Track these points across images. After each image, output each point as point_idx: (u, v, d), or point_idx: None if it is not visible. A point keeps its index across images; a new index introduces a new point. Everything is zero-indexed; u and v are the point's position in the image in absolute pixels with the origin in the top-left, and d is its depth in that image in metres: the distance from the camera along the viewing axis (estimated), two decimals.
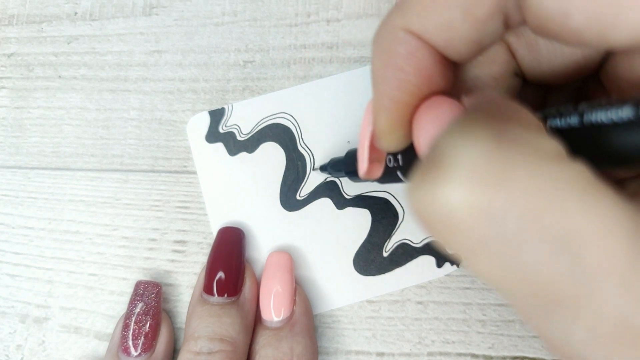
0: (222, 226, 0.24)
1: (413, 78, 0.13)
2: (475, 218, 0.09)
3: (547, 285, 0.09)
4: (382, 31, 0.14)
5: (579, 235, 0.09)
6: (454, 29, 0.13)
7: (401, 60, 0.13)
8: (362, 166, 0.17)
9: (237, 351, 0.21)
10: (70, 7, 0.28)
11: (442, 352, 0.23)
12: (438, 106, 0.13)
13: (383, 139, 0.15)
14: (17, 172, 0.26)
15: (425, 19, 0.13)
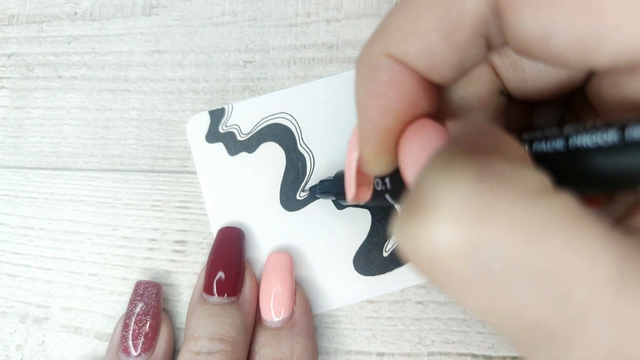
0: (222, 226, 0.24)
1: (396, 104, 0.13)
2: (460, 259, 0.09)
3: (535, 322, 0.09)
4: (364, 57, 0.14)
5: (565, 272, 0.09)
6: (436, 54, 0.13)
7: (383, 87, 0.13)
8: (350, 191, 0.17)
9: (237, 351, 0.21)
10: (70, 7, 0.28)
11: (442, 352, 0.23)
12: (422, 131, 0.13)
13: (369, 164, 0.15)
14: (17, 172, 0.26)
15: (406, 45, 0.13)
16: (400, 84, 0.13)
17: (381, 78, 0.13)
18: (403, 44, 0.13)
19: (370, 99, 0.13)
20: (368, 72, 0.14)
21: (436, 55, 0.13)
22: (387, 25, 0.13)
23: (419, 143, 0.13)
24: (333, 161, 0.25)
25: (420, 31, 0.12)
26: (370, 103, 0.14)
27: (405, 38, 0.13)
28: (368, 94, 0.14)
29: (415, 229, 0.09)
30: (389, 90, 0.13)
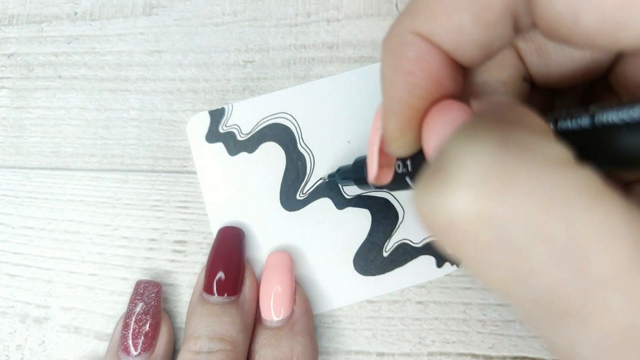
0: (222, 226, 0.24)
1: (423, 82, 0.13)
2: (479, 225, 0.09)
3: (552, 294, 0.09)
4: (392, 35, 0.14)
5: (584, 243, 0.09)
6: (464, 32, 0.13)
7: (411, 64, 0.13)
8: (372, 171, 0.17)
9: (237, 351, 0.21)
10: (70, 7, 0.28)
11: (442, 352, 0.23)
12: (447, 110, 0.13)
13: (392, 143, 0.15)
14: (17, 172, 0.26)
15: (435, 23, 0.13)
16: (427, 62, 0.13)
17: (408, 55, 0.13)
18: (432, 21, 0.13)
19: (397, 76, 0.14)
20: (395, 49, 0.14)
21: (464, 33, 0.13)
22: (416, 3, 0.13)
23: (443, 121, 0.13)
24: (333, 161, 0.25)
25: (450, 9, 0.12)
26: (396, 80, 0.14)
27: (434, 16, 0.13)
28: (394, 70, 0.14)
29: (435, 194, 0.09)
30: (416, 67, 0.13)
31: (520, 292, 0.09)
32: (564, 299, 0.09)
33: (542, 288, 0.09)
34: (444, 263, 0.24)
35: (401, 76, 0.13)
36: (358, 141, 0.25)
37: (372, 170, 0.17)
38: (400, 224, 0.24)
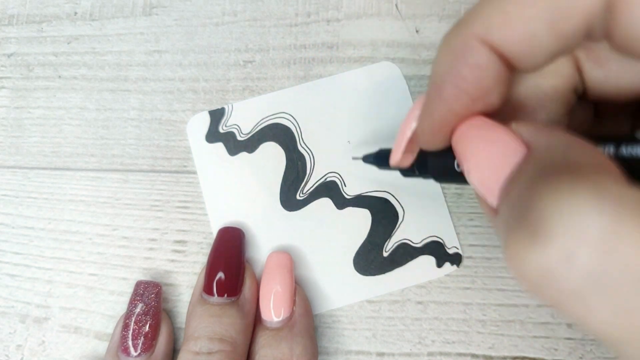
0: (222, 226, 0.24)
1: (472, 90, 0.13)
2: (590, 283, 0.09)
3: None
4: (456, 35, 0.14)
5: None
6: (537, 41, 0.13)
7: (466, 70, 0.13)
8: (396, 156, 0.18)
9: (237, 351, 0.21)
10: (70, 7, 0.28)
11: (442, 352, 0.23)
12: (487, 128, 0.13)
13: (423, 140, 0.15)
14: (17, 172, 0.26)
15: (509, 30, 0.13)
16: (482, 72, 0.13)
17: (467, 61, 0.13)
18: (505, 28, 0.13)
19: (449, 78, 0.14)
20: (456, 51, 0.13)
21: (536, 42, 0.13)
22: (488, 6, 0.13)
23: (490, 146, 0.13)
24: (333, 161, 0.25)
25: (526, 16, 0.12)
26: (448, 82, 0.14)
27: (510, 22, 0.13)
28: (449, 72, 0.14)
29: (545, 254, 0.10)
30: (471, 74, 0.13)
31: (629, 343, 0.10)
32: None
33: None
34: (444, 263, 0.24)
35: (453, 79, 0.14)
36: (358, 141, 0.25)
37: (396, 156, 0.18)
38: (400, 224, 0.24)
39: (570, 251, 0.09)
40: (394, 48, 0.26)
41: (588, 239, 0.09)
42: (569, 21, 0.12)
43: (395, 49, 0.26)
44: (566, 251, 0.09)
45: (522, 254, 0.10)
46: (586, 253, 0.09)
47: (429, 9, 0.26)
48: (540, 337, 0.23)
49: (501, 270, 0.23)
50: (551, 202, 0.10)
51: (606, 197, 0.10)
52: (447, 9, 0.26)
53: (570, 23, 0.12)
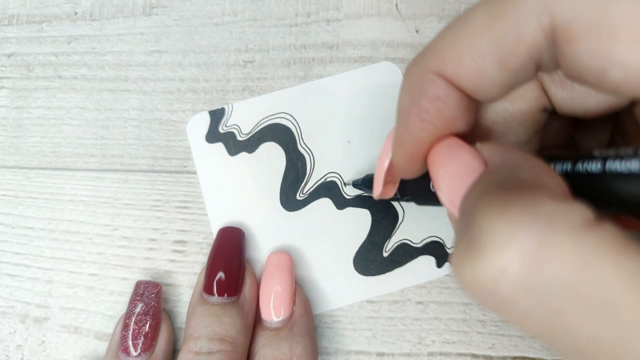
0: (222, 226, 0.24)
1: (435, 120, 0.14)
2: (521, 291, 0.10)
3: (589, 341, 0.10)
4: (414, 69, 0.14)
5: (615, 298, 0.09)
6: (487, 76, 0.13)
7: (427, 102, 0.14)
8: (377, 190, 0.19)
9: (237, 351, 0.21)
10: (70, 7, 0.28)
11: (442, 352, 0.23)
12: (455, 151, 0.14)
13: (399, 170, 0.16)
14: (17, 172, 0.26)
15: (460, 65, 0.13)
16: (443, 102, 0.14)
17: (427, 93, 0.14)
18: (457, 64, 0.13)
19: (412, 111, 0.14)
20: (415, 85, 0.14)
21: (487, 76, 0.13)
22: (441, 42, 0.14)
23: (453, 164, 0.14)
24: (333, 161, 0.25)
25: (475, 53, 0.13)
26: (412, 114, 0.14)
27: (460, 59, 0.13)
28: (411, 105, 0.14)
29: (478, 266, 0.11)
30: (432, 106, 0.14)
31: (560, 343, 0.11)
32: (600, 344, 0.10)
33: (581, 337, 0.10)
34: (444, 263, 0.24)
35: (416, 112, 0.14)
36: (358, 141, 0.25)
37: (377, 189, 0.19)
38: (400, 224, 0.24)
39: (500, 264, 0.10)
40: (394, 48, 0.26)
41: (517, 252, 0.10)
42: (516, 58, 0.13)
43: (395, 49, 0.26)
44: (497, 264, 0.10)
45: (460, 266, 0.11)
46: (516, 265, 0.10)
47: (429, 9, 0.26)
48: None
49: None
50: (486, 217, 0.11)
51: (538, 212, 0.10)
52: (447, 9, 0.26)
53: (517, 59, 0.13)
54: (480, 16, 0.13)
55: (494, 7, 0.13)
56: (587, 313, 0.10)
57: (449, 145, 0.14)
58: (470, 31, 0.13)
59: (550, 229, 0.10)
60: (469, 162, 0.13)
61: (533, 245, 0.10)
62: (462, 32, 0.13)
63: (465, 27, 0.13)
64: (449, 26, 0.14)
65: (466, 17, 0.13)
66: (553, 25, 0.12)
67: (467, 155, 0.14)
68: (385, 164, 0.18)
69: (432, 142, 0.15)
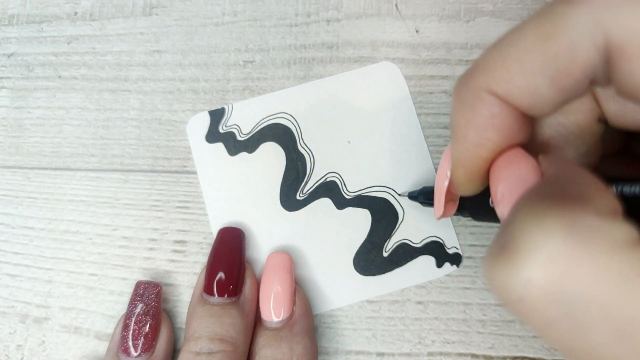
0: (222, 226, 0.24)
1: (494, 137, 0.14)
2: (547, 301, 0.10)
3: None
4: (464, 89, 0.14)
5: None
6: (540, 94, 0.13)
7: (484, 120, 0.14)
8: (439, 212, 0.19)
9: (238, 351, 0.21)
10: (70, 7, 0.28)
11: (442, 352, 0.23)
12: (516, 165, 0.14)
13: (460, 188, 0.16)
14: (17, 172, 0.26)
15: (511, 84, 0.13)
16: (500, 119, 0.14)
17: (482, 112, 0.14)
18: (508, 82, 0.13)
19: (469, 130, 0.14)
20: (469, 103, 0.14)
21: (540, 94, 0.13)
22: (491, 60, 0.14)
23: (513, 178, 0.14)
24: (333, 161, 0.25)
25: (527, 72, 0.13)
26: (468, 134, 0.14)
27: (511, 77, 0.13)
28: (467, 125, 0.14)
29: (506, 270, 0.11)
30: (489, 123, 0.14)
31: (581, 357, 0.10)
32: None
33: (604, 356, 0.10)
34: (443, 263, 0.24)
35: (473, 131, 0.14)
36: (358, 141, 0.25)
37: (439, 211, 0.19)
38: (400, 224, 0.24)
39: (529, 271, 0.10)
40: (394, 48, 0.26)
41: (547, 261, 0.10)
42: (570, 76, 0.13)
43: (395, 49, 0.26)
44: (526, 271, 0.10)
45: (490, 268, 0.11)
46: (544, 274, 0.10)
47: (429, 9, 0.26)
48: (540, 337, 0.23)
49: None
50: (522, 221, 0.11)
51: (576, 224, 0.10)
52: (447, 9, 0.26)
53: (570, 78, 0.13)
54: (531, 34, 0.13)
55: (545, 25, 0.13)
56: (614, 333, 0.10)
57: (509, 159, 0.14)
58: (521, 49, 0.13)
59: (585, 242, 0.10)
60: (527, 175, 0.13)
61: (565, 256, 0.10)
62: (513, 50, 0.13)
63: (516, 45, 0.13)
64: (497, 44, 0.14)
65: (516, 34, 0.13)
66: (607, 44, 0.12)
67: (526, 169, 0.14)
68: (445, 184, 0.17)
69: (491, 158, 0.14)
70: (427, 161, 0.25)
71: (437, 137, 0.25)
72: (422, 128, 0.25)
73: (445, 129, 0.25)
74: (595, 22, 0.12)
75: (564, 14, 0.12)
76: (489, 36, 0.26)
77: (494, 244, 0.11)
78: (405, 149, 0.25)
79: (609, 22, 0.12)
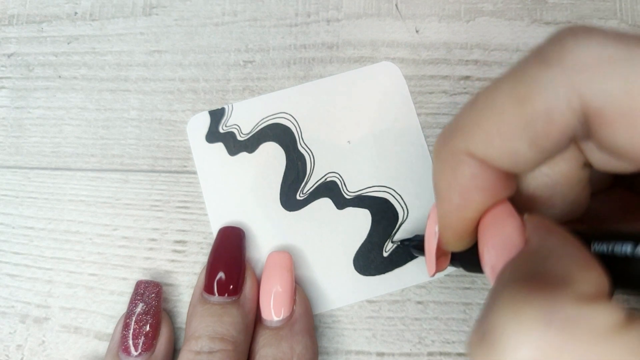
0: (222, 226, 0.24)
1: (478, 197, 0.14)
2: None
3: None
4: (444, 151, 0.14)
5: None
6: (519, 154, 0.13)
7: (465, 181, 0.14)
8: (431, 270, 0.19)
9: (238, 350, 0.21)
10: (70, 7, 0.28)
11: (442, 352, 0.23)
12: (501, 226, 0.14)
13: (450, 246, 0.16)
14: (17, 172, 0.26)
15: (490, 147, 0.13)
16: (482, 179, 0.14)
17: (463, 173, 0.14)
18: (487, 145, 0.13)
19: (452, 192, 0.14)
20: (449, 165, 0.14)
21: (520, 155, 0.13)
22: (468, 122, 0.14)
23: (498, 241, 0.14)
24: (333, 161, 0.25)
25: (505, 135, 0.13)
26: (452, 196, 0.14)
27: (489, 140, 0.13)
28: (450, 187, 0.14)
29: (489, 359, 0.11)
30: (471, 184, 0.14)
31: None
32: None
33: None
34: None
35: (456, 193, 0.14)
36: (358, 141, 0.25)
37: (431, 269, 0.19)
38: (400, 224, 0.24)
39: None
40: (394, 48, 0.26)
41: (527, 356, 0.10)
42: (548, 138, 0.12)
43: (395, 49, 0.26)
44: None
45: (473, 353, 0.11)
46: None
47: (429, 9, 0.26)
48: None
49: None
50: (502, 312, 0.11)
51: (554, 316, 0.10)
52: (447, 9, 0.26)
53: (549, 139, 0.13)
54: (506, 97, 0.13)
55: (519, 88, 0.13)
56: None
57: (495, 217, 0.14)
58: (497, 112, 0.13)
59: (565, 333, 0.10)
60: (511, 237, 0.13)
61: (545, 350, 0.10)
62: (489, 113, 0.13)
63: (492, 107, 0.13)
64: (473, 104, 0.14)
65: (491, 96, 0.13)
66: (584, 108, 0.12)
67: (510, 230, 0.13)
68: (434, 243, 0.18)
69: (477, 217, 0.14)
70: (427, 161, 0.25)
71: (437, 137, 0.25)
72: (422, 128, 0.25)
73: None
74: (570, 86, 0.12)
75: (537, 77, 0.12)
76: (489, 36, 0.26)
77: (476, 328, 0.11)
78: (405, 149, 0.25)
79: (584, 87, 0.12)
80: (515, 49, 0.26)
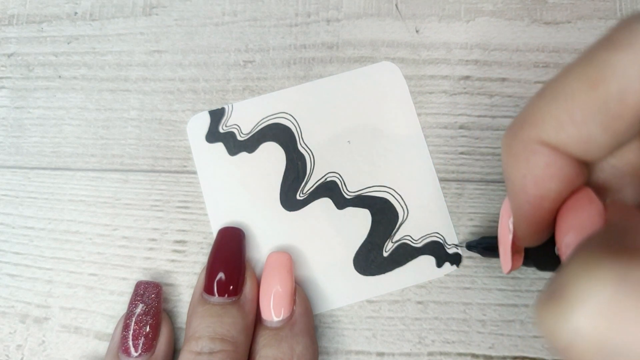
0: (222, 226, 0.24)
1: (555, 186, 0.14)
2: (594, 352, 0.10)
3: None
4: (515, 142, 0.14)
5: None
6: (593, 140, 0.13)
7: (541, 171, 0.14)
8: (506, 267, 0.18)
9: (238, 351, 0.21)
10: (70, 7, 0.28)
11: (442, 352, 0.23)
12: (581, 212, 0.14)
13: (526, 241, 0.16)
14: (17, 172, 0.26)
15: (563, 134, 0.13)
16: (556, 168, 0.14)
17: (537, 163, 0.14)
18: (560, 132, 0.13)
19: (527, 183, 0.14)
20: (522, 156, 0.14)
21: (593, 141, 0.13)
22: (538, 111, 0.14)
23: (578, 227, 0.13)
24: (333, 161, 0.25)
25: (578, 121, 0.13)
26: (527, 187, 0.14)
27: (562, 127, 0.13)
28: (524, 178, 0.14)
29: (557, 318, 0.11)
30: (546, 173, 0.14)
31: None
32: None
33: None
34: (443, 263, 0.24)
35: (532, 183, 0.14)
36: (358, 141, 0.25)
37: (507, 266, 0.18)
38: (400, 224, 0.24)
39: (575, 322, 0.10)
40: (394, 48, 0.26)
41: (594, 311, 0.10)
42: (622, 119, 0.13)
43: (395, 49, 0.26)
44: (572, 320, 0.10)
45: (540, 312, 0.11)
46: (590, 325, 0.10)
47: (429, 9, 0.26)
48: (540, 337, 0.23)
49: (501, 270, 0.23)
50: (573, 269, 0.11)
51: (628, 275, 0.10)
52: (447, 9, 0.26)
53: (623, 121, 0.13)
54: (577, 82, 0.13)
55: (590, 72, 0.13)
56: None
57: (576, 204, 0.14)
58: (569, 98, 0.13)
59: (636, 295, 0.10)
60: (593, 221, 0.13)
61: (614, 308, 0.10)
62: (560, 100, 0.13)
63: (562, 93, 0.13)
64: (541, 94, 0.14)
65: (560, 83, 0.13)
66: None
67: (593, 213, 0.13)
68: (509, 238, 0.17)
69: (555, 208, 0.14)
70: (427, 161, 0.25)
71: (437, 137, 0.25)
72: (422, 128, 0.25)
73: (445, 128, 0.25)
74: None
75: (608, 60, 0.12)
76: (489, 36, 0.26)
77: (546, 288, 0.11)
78: (405, 149, 0.25)
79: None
80: (515, 49, 0.26)
